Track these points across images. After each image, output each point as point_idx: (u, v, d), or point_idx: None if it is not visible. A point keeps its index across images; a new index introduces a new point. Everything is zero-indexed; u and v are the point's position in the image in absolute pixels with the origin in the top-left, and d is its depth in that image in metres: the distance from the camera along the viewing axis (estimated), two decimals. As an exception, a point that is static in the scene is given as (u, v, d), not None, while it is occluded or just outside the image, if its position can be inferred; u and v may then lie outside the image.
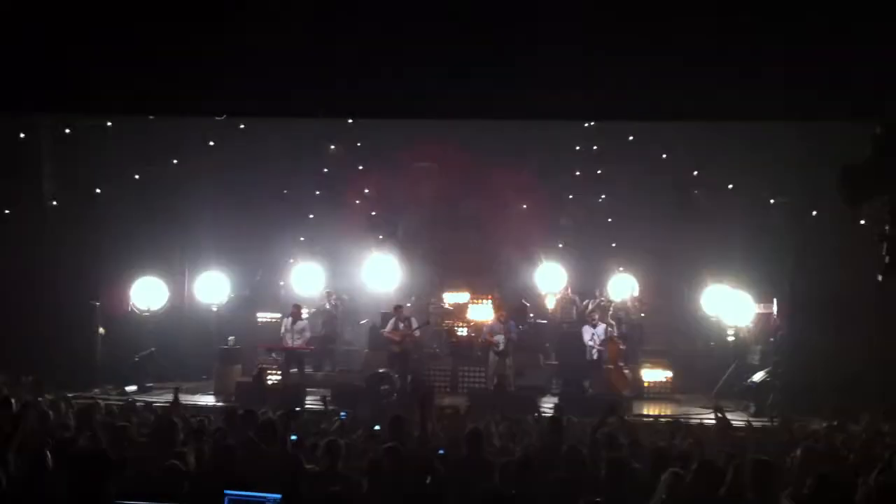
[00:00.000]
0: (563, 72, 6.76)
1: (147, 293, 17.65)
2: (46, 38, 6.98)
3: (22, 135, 15.73)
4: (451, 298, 19.32)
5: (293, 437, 8.84)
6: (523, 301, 18.91)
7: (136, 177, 17.66)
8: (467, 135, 17.85)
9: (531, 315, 18.99)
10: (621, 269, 19.08)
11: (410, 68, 7.12)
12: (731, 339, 17.00)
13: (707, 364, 17.80)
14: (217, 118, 15.06)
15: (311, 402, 14.64)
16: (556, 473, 7.04)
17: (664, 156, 18.67)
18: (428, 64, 7.04)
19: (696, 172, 18.51)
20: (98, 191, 17.14)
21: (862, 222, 13.44)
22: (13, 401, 8.61)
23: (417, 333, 17.01)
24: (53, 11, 7.09)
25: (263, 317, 19.39)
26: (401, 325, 16.74)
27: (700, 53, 6.86)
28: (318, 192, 20.21)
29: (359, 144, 19.78)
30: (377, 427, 9.38)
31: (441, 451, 7.99)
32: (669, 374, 17.51)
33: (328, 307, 18.56)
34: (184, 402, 12.19)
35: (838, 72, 6.78)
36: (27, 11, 7.09)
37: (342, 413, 11.25)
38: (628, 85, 7.06)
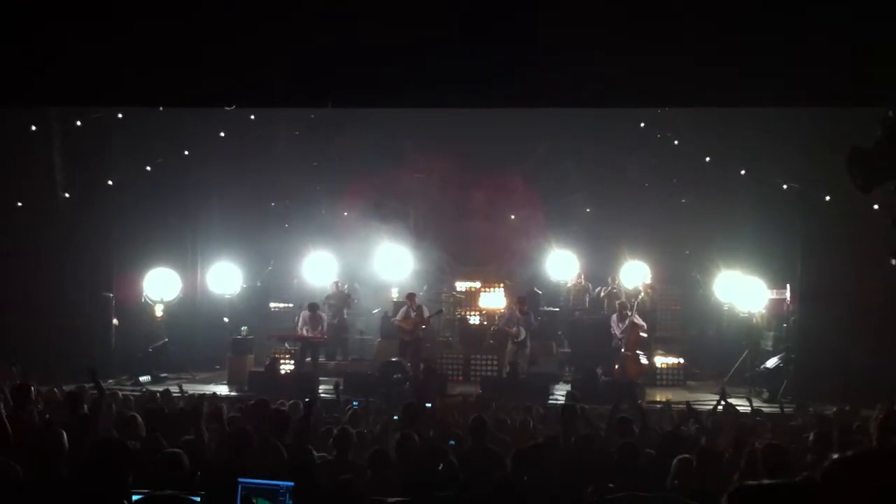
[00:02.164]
0: (571, 58, 6.74)
1: (160, 284, 17.72)
2: (53, 31, 6.99)
3: (33, 127, 15.77)
4: (462, 286, 19.36)
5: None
6: (535, 289, 18.91)
7: (148, 168, 17.70)
8: (476, 122, 17.85)
9: (543, 304, 18.98)
10: (634, 256, 19.06)
11: (418, 57, 7.11)
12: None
13: (719, 350, 17.78)
14: (227, 109, 15.08)
15: (324, 392, 14.70)
16: (568, 460, 7.06)
17: (676, 142, 18.61)
18: (437, 52, 7.03)
19: (707, 158, 18.43)
20: (110, 183, 17.20)
21: (875, 207, 13.36)
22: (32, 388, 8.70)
23: (430, 322, 17.05)
24: (59, 5, 7.11)
25: (276, 306, 19.50)
26: (412, 314, 16.78)
27: (710, 39, 6.83)
28: (328, 182, 20.24)
29: (368, 134, 19.80)
30: (396, 417, 9.39)
31: (452, 442, 8.00)
32: (681, 360, 17.49)
33: (341, 296, 18.60)
34: (196, 392, 12.27)
35: (848, 56, 6.74)
36: (33, 5, 7.11)
37: (354, 402, 11.29)
38: (637, 71, 7.03)
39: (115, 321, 17.08)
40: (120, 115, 16.52)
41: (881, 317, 14.57)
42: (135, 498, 5.36)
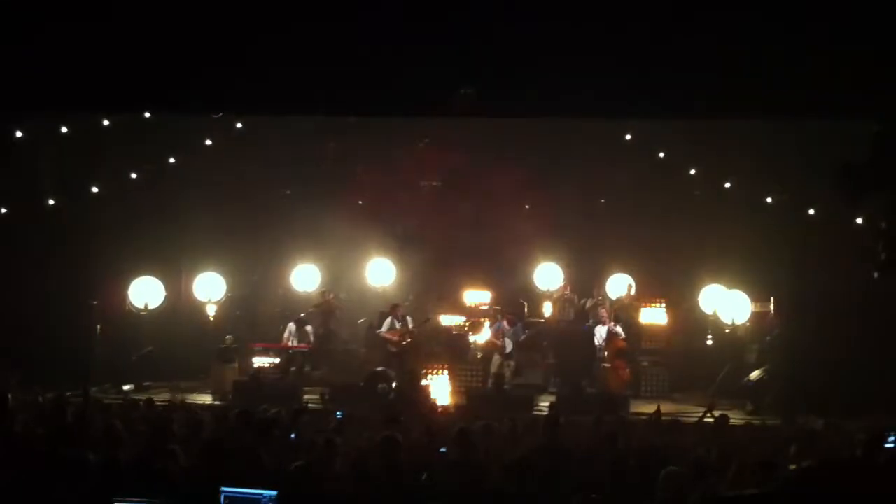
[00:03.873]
0: (561, 70, 6.76)
1: (144, 292, 17.59)
2: (42, 37, 6.96)
3: (18, 133, 15.68)
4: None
5: (292, 436, 8.89)
6: (521, 300, 18.89)
7: (133, 175, 17.62)
8: (465, 135, 17.88)
9: (528, 315, 18.95)
10: (619, 268, 19.09)
11: (409, 66, 7.12)
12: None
13: (704, 363, 17.78)
14: (214, 116, 15.05)
15: (310, 402, 14.62)
16: (552, 472, 7.04)
17: (661, 154, 18.68)
18: (427, 63, 7.04)
19: (693, 171, 18.51)
20: (95, 189, 17.09)
21: (859, 220, 13.46)
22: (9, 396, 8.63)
23: (415, 333, 17.01)
24: (50, 10, 7.08)
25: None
26: (398, 325, 16.75)
27: (699, 52, 6.86)
28: (315, 191, 20.19)
29: (357, 143, 19.80)
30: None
31: (443, 450, 8.00)
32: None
33: (327, 306, 18.52)
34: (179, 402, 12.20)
35: (838, 71, 6.78)
36: (24, 10, 7.08)
37: (338, 412, 11.24)
38: (625, 83, 7.05)
39: (98, 328, 16.97)
40: (106, 122, 16.46)
41: (864, 329, 14.64)
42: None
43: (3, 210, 16.21)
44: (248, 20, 7.20)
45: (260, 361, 17.04)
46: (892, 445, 8.69)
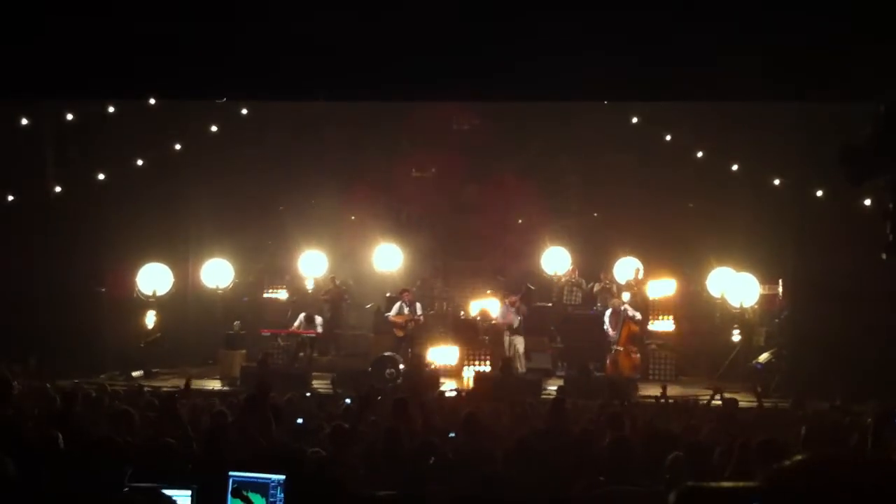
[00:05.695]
0: (563, 51, 6.73)
1: (152, 279, 17.65)
2: (44, 24, 6.95)
3: (24, 121, 15.70)
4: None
5: (299, 421, 8.93)
6: (528, 285, 18.88)
7: (140, 162, 17.64)
8: (470, 118, 17.85)
9: (536, 299, 18.95)
10: (626, 251, 19.06)
11: (410, 52, 7.09)
12: (736, 339, 16.93)
13: (712, 346, 17.79)
14: (218, 102, 15.03)
15: (318, 387, 14.69)
16: (558, 455, 7.04)
17: (668, 137, 18.61)
18: (428, 48, 7.02)
19: (699, 154, 18.44)
20: (101, 177, 17.13)
21: (867, 202, 13.40)
22: (15, 383, 8.65)
23: (423, 318, 17.04)
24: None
25: (270, 295, 19.46)
26: (406, 309, 16.77)
27: (704, 33, 6.82)
28: (321, 178, 20.20)
29: (361, 130, 19.80)
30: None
31: (452, 435, 8.02)
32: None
33: (336, 291, 18.56)
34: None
35: (840, 51, 6.74)
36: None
37: (347, 398, 11.27)
38: (629, 65, 7.02)
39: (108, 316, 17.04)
40: (111, 109, 16.47)
41: (872, 312, 14.59)
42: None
43: (10, 198, 16.24)
44: (253, 4, 7.18)
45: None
46: None
